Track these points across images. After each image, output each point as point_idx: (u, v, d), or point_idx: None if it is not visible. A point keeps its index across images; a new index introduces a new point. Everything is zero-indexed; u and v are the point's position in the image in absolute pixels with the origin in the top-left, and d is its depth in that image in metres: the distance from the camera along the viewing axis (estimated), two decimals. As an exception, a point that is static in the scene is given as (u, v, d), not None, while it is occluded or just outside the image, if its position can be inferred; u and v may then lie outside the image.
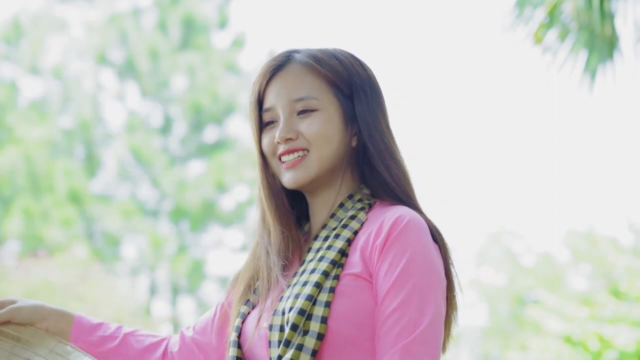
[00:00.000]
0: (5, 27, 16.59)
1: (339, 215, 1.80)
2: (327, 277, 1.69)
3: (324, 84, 1.82)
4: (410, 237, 1.68)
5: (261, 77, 1.85)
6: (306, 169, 1.79)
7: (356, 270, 1.70)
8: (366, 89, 1.83)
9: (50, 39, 17.04)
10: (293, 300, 1.68)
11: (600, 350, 8.28)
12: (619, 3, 5.51)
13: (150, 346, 1.94)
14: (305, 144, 1.79)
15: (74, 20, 17.50)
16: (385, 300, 1.65)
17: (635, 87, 17.08)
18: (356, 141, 1.82)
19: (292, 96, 1.81)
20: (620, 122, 27.02)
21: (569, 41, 5.82)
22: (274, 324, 1.69)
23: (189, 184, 16.65)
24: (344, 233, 1.75)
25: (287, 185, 1.81)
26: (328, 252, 1.72)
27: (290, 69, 1.83)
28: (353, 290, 1.68)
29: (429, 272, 1.67)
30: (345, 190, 1.82)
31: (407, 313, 1.63)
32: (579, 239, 14.56)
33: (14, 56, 16.63)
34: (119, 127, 17.04)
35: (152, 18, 17.30)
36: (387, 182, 1.79)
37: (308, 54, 1.84)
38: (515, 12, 5.88)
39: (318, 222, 1.83)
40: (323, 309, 1.65)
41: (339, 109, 1.82)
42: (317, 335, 1.64)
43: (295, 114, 1.81)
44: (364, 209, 1.78)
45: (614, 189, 24.39)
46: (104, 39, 16.85)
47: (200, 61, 16.92)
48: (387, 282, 1.66)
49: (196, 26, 17.22)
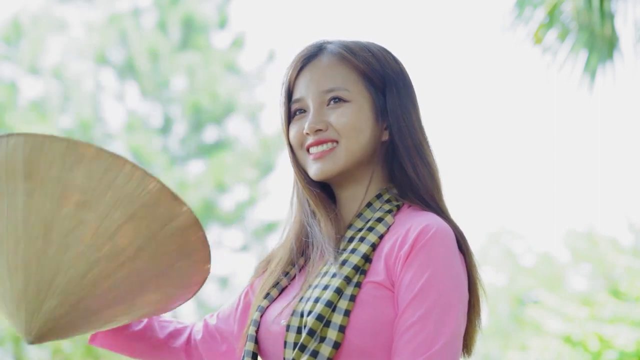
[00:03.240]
0: (5, 27, 16.58)
1: (365, 215, 1.75)
2: (348, 284, 1.64)
3: (356, 76, 1.77)
4: (436, 250, 1.63)
5: (292, 67, 1.81)
6: (334, 160, 1.74)
7: (379, 278, 1.65)
8: (399, 83, 1.79)
9: (50, 39, 17.03)
10: (313, 304, 1.64)
11: (600, 350, 8.28)
12: (619, 3, 5.51)
13: (174, 332, 1.94)
14: (335, 136, 1.75)
15: (74, 20, 17.50)
16: (405, 313, 1.61)
17: (635, 87, 17.07)
18: (387, 136, 1.78)
19: (322, 87, 1.77)
20: (620, 122, 27.02)
21: (569, 41, 5.82)
22: (292, 325, 1.66)
23: (189, 184, 16.65)
24: (369, 237, 1.70)
25: (313, 177, 1.77)
26: (352, 257, 1.68)
27: (322, 60, 1.79)
28: (374, 299, 1.64)
29: (452, 287, 1.62)
30: (375, 188, 1.78)
31: (425, 328, 1.59)
32: (579, 239, 14.56)
33: (13, 56, 16.62)
34: (119, 127, 17.04)
35: (152, 18, 17.29)
36: (413, 180, 1.74)
37: (341, 45, 1.80)
38: (515, 12, 5.89)
39: (345, 218, 1.78)
40: (342, 317, 1.61)
41: (371, 101, 1.77)
42: (334, 343, 1.61)
43: (325, 105, 1.77)
44: (392, 211, 1.74)
45: (614, 189, 24.40)
46: (104, 39, 16.84)
47: (200, 61, 16.91)
48: (408, 294, 1.61)
49: (196, 26, 17.21)
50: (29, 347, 11.57)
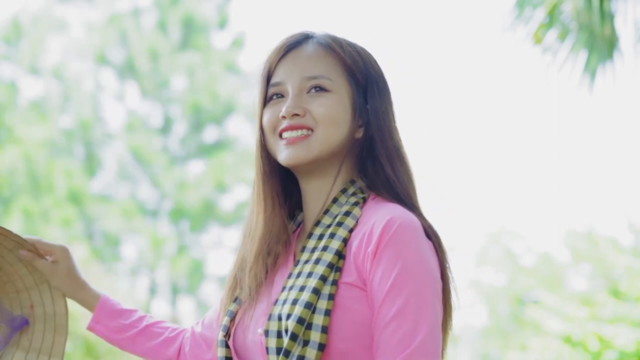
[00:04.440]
0: (5, 27, 16.59)
1: (332, 211, 1.72)
2: (325, 283, 1.62)
3: (340, 68, 1.75)
4: (402, 242, 1.61)
5: (274, 52, 1.78)
6: (308, 148, 1.71)
7: (351, 279, 1.63)
8: (380, 85, 1.78)
9: (50, 39, 17.03)
10: (291, 306, 1.61)
11: (600, 350, 8.28)
12: (618, 3, 5.51)
13: (167, 340, 1.94)
14: (312, 123, 1.72)
15: (74, 20, 17.52)
16: (381, 310, 1.59)
17: (635, 87, 17.08)
18: (361, 133, 1.75)
19: (305, 73, 1.74)
20: (620, 122, 27.02)
21: (569, 41, 5.82)
22: (270, 329, 1.62)
23: (189, 184, 16.65)
24: (339, 232, 1.67)
25: (283, 162, 1.73)
26: (324, 254, 1.65)
27: (308, 48, 1.77)
28: (349, 301, 1.62)
29: (423, 276, 1.60)
30: (341, 183, 1.75)
31: (403, 323, 1.57)
32: (579, 239, 14.56)
33: (14, 56, 16.62)
34: (119, 127, 17.04)
35: (152, 18, 17.30)
36: (390, 178, 1.73)
37: (328, 36, 1.78)
38: (515, 12, 5.89)
39: (311, 213, 1.76)
40: (323, 317, 1.59)
41: (351, 96, 1.75)
42: (318, 345, 1.59)
43: (306, 92, 1.74)
44: (358, 203, 1.71)
45: (614, 189, 24.40)
46: (104, 39, 16.85)
47: (200, 61, 16.92)
48: (381, 291, 1.60)
49: (196, 26, 17.21)
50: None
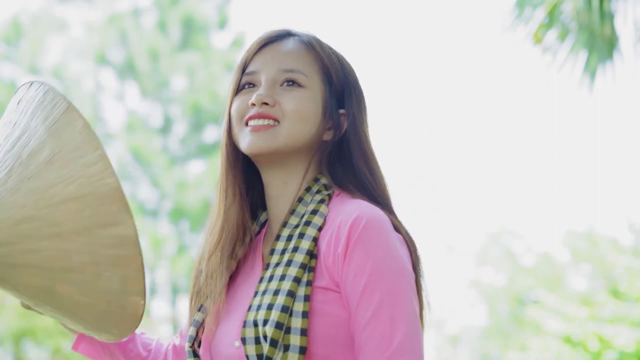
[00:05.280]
0: (5, 27, 16.59)
1: (299, 210, 1.69)
2: (299, 284, 1.58)
3: (318, 68, 1.74)
4: (371, 239, 1.58)
5: (254, 44, 1.77)
6: (272, 138, 1.68)
7: (323, 282, 1.60)
8: (357, 92, 1.77)
9: (50, 39, 17.04)
10: (267, 311, 1.57)
11: (600, 350, 8.29)
12: (618, 3, 5.52)
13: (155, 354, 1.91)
14: (279, 115, 1.69)
15: (74, 20, 17.52)
16: (357, 312, 1.57)
17: (635, 87, 17.09)
18: (330, 136, 1.73)
19: (281, 65, 1.72)
20: (620, 122, 27.03)
21: (568, 41, 5.83)
22: (247, 337, 1.58)
23: (189, 184, 16.65)
24: (308, 231, 1.64)
25: (245, 150, 1.70)
26: (296, 255, 1.62)
27: (288, 43, 1.76)
28: (325, 305, 1.59)
29: (395, 273, 1.58)
30: (306, 183, 1.72)
31: (379, 325, 1.54)
32: (579, 239, 14.57)
33: (14, 56, 16.63)
34: (119, 127, 17.04)
35: (152, 18, 17.30)
36: (367, 181, 1.71)
37: (310, 35, 1.77)
38: (515, 12, 5.90)
39: (276, 213, 1.73)
40: (301, 320, 1.56)
41: (324, 96, 1.73)
42: (299, 349, 1.55)
43: (279, 85, 1.71)
44: (324, 200, 1.68)
45: (614, 189, 24.41)
46: (104, 39, 16.85)
47: (200, 61, 16.92)
48: (356, 292, 1.57)
49: (196, 26, 17.21)
50: (29, 347, 11.58)
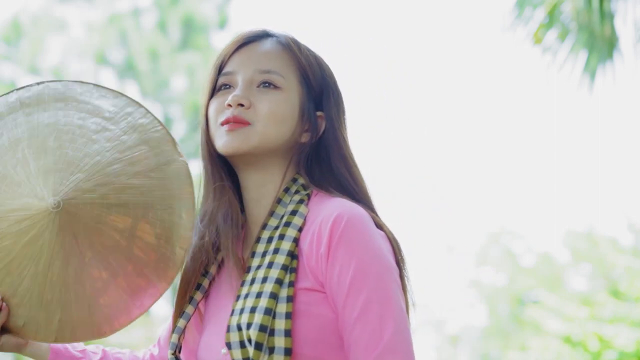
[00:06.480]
0: (5, 27, 16.59)
1: (278, 212, 1.68)
2: (281, 286, 1.58)
3: (295, 69, 1.73)
4: (353, 238, 1.57)
5: (231, 43, 1.78)
6: (246, 137, 1.68)
7: (307, 284, 1.59)
8: (336, 94, 1.76)
9: (50, 39, 17.04)
10: (250, 315, 1.57)
11: (600, 350, 8.30)
12: (618, 3, 5.52)
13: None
14: (253, 118, 1.68)
15: (74, 20, 17.51)
16: (344, 312, 1.56)
17: (635, 87, 17.10)
18: (307, 138, 1.72)
19: (258, 66, 1.71)
20: (620, 122, 27.02)
21: (568, 41, 5.83)
22: (232, 341, 1.58)
23: (189, 184, 16.66)
24: (288, 232, 1.63)
25: (221, 149, 1.71)
26: (277, 257, 1.61)
27: (265, 44, 1.75)
28: (311, 307, 1.58)
29: (380, 270, 1.57)
30: (285, 185, 1.71)
31: (368, 324, 1.54)
32: (579, 239, 14.55)
33: (14, 56, 16.63)
34: (119, 127, 17.07)
35: (152, 18, 17.31)
36: (346, 181, 1.70)
37: (289, 37, 1.76)
38: (515, 12, 5.90)
39: (255, 216, 1.72)
40: (285, 321, 1.55)
41: (301, 98, 1.72)
42: (284, 350, 1.55)
43: (255, 86, 1.71)
44: (303, 201, 1.67)
45: (614, 189, 24.39)
46: (104, 39, 16.85)
47: (200, 61, 16.92)
48: (342, 292, 1.56)
49: (196, 26, 17.22)
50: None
